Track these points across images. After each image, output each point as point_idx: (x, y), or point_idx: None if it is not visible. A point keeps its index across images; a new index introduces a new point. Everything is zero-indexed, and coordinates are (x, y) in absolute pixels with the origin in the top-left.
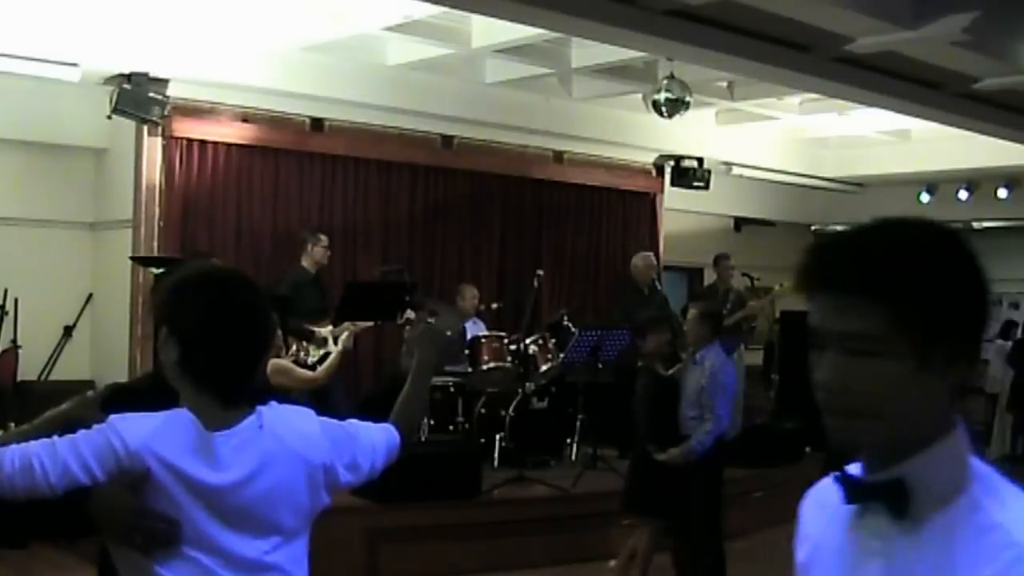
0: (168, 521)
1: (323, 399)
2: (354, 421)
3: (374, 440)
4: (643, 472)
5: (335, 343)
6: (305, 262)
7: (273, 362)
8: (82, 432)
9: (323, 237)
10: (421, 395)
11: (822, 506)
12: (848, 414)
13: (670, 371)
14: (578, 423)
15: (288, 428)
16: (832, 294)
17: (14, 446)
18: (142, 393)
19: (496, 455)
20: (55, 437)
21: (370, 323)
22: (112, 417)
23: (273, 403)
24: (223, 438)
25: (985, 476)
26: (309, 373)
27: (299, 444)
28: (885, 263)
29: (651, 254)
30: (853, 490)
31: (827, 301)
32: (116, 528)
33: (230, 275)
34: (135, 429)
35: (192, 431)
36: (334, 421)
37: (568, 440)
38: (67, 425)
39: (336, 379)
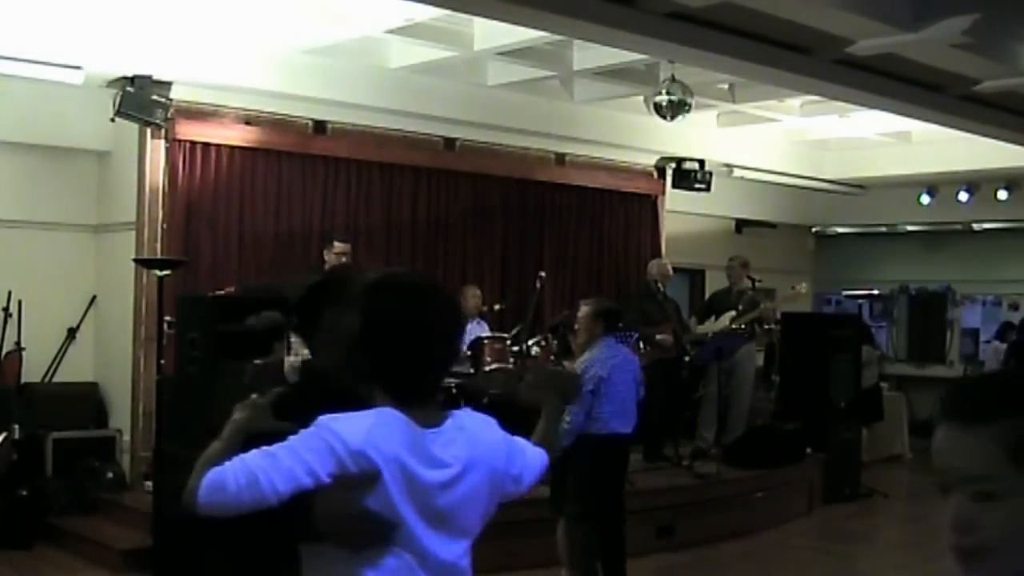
0: (389, 523)
1: None
2: (518, 437)
3: (534, 459)
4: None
5: None
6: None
7: (290, 360)
8: (297, 438)
9: (339, 245)
10: (555, 434)
11: None
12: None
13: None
14: None
15: (482, 433)
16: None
17: (228, 464)
18: (307, 398)
19: None
20: (272, 448)
21: None
22: (322, 419)
23: (466, 408)
24: (433, 435)
25: None
26: None
27: (489, 450)
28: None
29: (667, 262)
30: None
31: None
32: (341, 533)
33: (430, 291)
34: (352, 428)
35: (406, 427)
36: (509, 434)
37: None
38: (250, 438)
39: None
